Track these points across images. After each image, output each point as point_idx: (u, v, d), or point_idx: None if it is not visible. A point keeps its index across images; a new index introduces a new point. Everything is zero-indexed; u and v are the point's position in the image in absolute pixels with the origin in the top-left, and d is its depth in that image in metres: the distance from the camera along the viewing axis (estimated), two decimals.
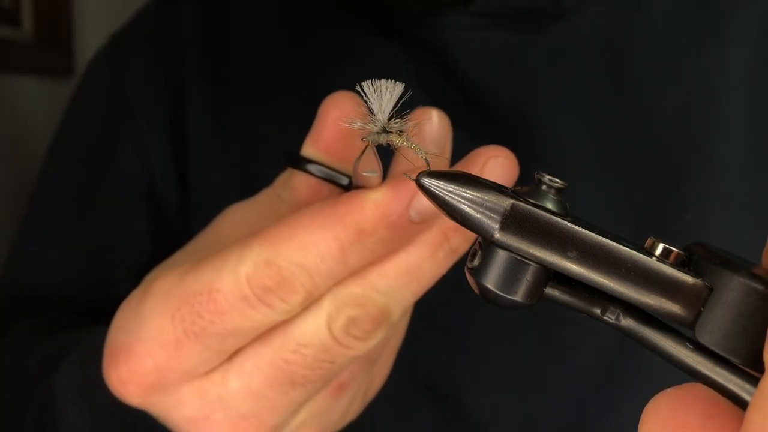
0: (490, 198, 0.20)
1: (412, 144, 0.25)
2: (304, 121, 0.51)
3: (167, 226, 0.54)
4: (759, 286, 0.19)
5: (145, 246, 0.54)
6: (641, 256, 0.20)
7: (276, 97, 0.53)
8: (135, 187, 0.54)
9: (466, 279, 0.22)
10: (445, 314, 0.48)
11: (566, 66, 0.48)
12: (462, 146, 0.47)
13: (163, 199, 0.54)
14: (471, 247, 0.22)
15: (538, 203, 0.20)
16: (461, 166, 0.29)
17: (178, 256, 0.32)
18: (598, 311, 0.21)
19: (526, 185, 0.21)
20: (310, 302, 0.28)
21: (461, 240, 0.29)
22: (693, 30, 0.47)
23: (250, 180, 0.52)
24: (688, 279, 0.20)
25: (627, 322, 0.20)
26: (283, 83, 0.53)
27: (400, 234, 0.28)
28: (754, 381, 0.19)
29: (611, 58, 0.48)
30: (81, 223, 0.56)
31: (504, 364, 0.47)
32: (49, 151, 0.59)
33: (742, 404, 0.19)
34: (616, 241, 0.20)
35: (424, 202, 0.27)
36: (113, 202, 0.55)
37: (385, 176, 0.28)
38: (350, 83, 0.25)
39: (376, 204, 0.27)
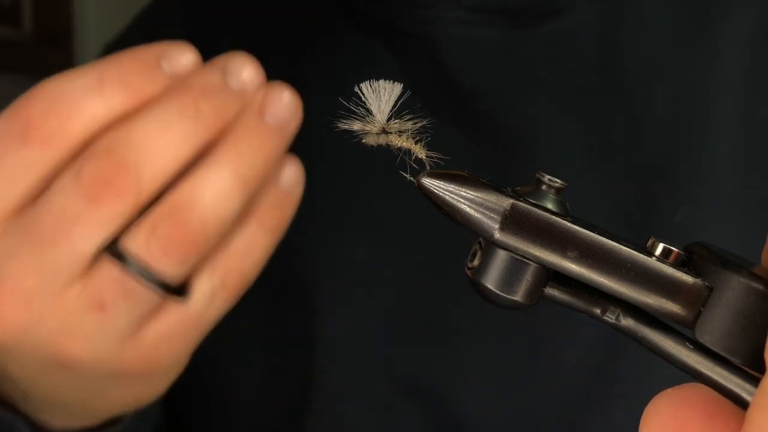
0: (490, 198, 0.20)
1: (411, 144, 0.25)
2: None
3: None
4: (759, 286, 0.19)
5: None
6: (641, 256, 0.20)
7: None
8: None
9: (453, 279, 0.21)
10: (430, 314, 0.48)
11: (559, 64, 0.48)
12: (453, 145, 0.47)
13: None
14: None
15: (538, 203, 0.20)
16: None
17: None
18: (598, 311, 0.21)
19: (526, 185, 0.21)
20: None
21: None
22: (687, 30, 0.47)
23: None
24: (688, 279, 0.20)
25: (627, 322, 0.20)
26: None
27: None
28: (755, 381, 0.19)
29: (604, 57, 0.47)
30: None
31: (491, 364, 0.47)
32: None
33: (742, 404, 0.19)
34: (616, 241, 0.20)
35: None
36: None
37: None
38: (337, 84, 0.25)
39: None
